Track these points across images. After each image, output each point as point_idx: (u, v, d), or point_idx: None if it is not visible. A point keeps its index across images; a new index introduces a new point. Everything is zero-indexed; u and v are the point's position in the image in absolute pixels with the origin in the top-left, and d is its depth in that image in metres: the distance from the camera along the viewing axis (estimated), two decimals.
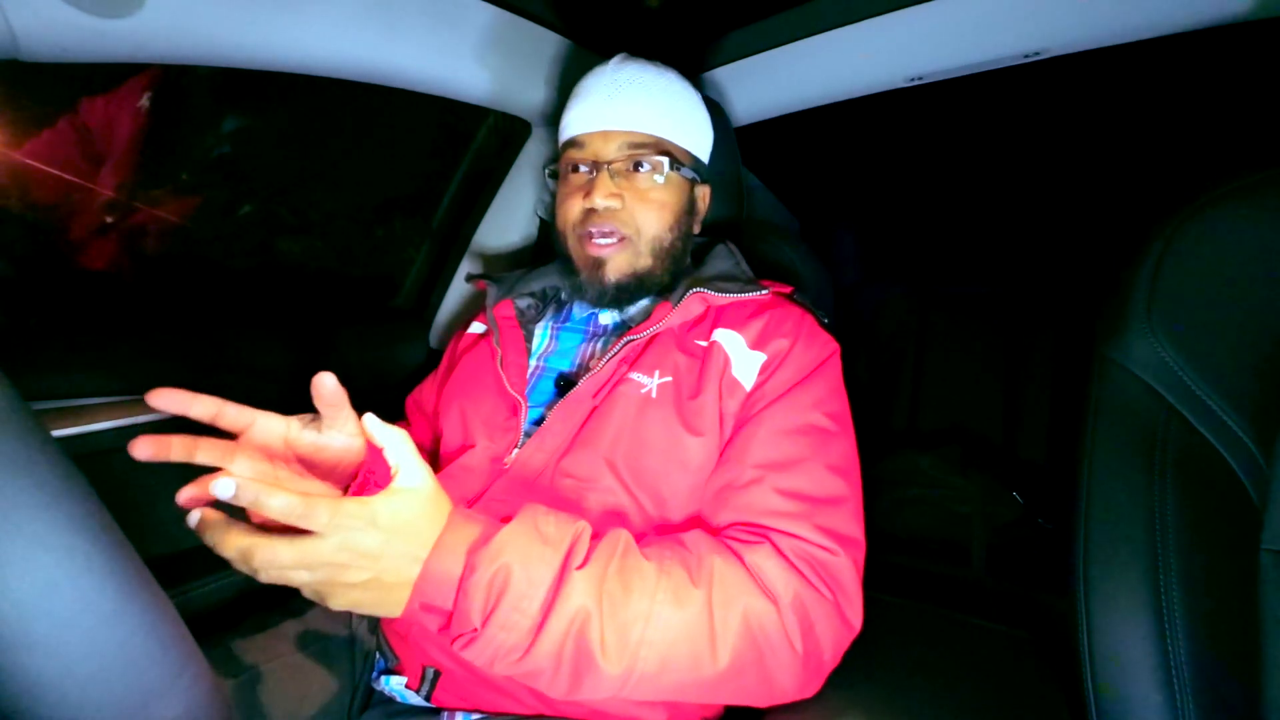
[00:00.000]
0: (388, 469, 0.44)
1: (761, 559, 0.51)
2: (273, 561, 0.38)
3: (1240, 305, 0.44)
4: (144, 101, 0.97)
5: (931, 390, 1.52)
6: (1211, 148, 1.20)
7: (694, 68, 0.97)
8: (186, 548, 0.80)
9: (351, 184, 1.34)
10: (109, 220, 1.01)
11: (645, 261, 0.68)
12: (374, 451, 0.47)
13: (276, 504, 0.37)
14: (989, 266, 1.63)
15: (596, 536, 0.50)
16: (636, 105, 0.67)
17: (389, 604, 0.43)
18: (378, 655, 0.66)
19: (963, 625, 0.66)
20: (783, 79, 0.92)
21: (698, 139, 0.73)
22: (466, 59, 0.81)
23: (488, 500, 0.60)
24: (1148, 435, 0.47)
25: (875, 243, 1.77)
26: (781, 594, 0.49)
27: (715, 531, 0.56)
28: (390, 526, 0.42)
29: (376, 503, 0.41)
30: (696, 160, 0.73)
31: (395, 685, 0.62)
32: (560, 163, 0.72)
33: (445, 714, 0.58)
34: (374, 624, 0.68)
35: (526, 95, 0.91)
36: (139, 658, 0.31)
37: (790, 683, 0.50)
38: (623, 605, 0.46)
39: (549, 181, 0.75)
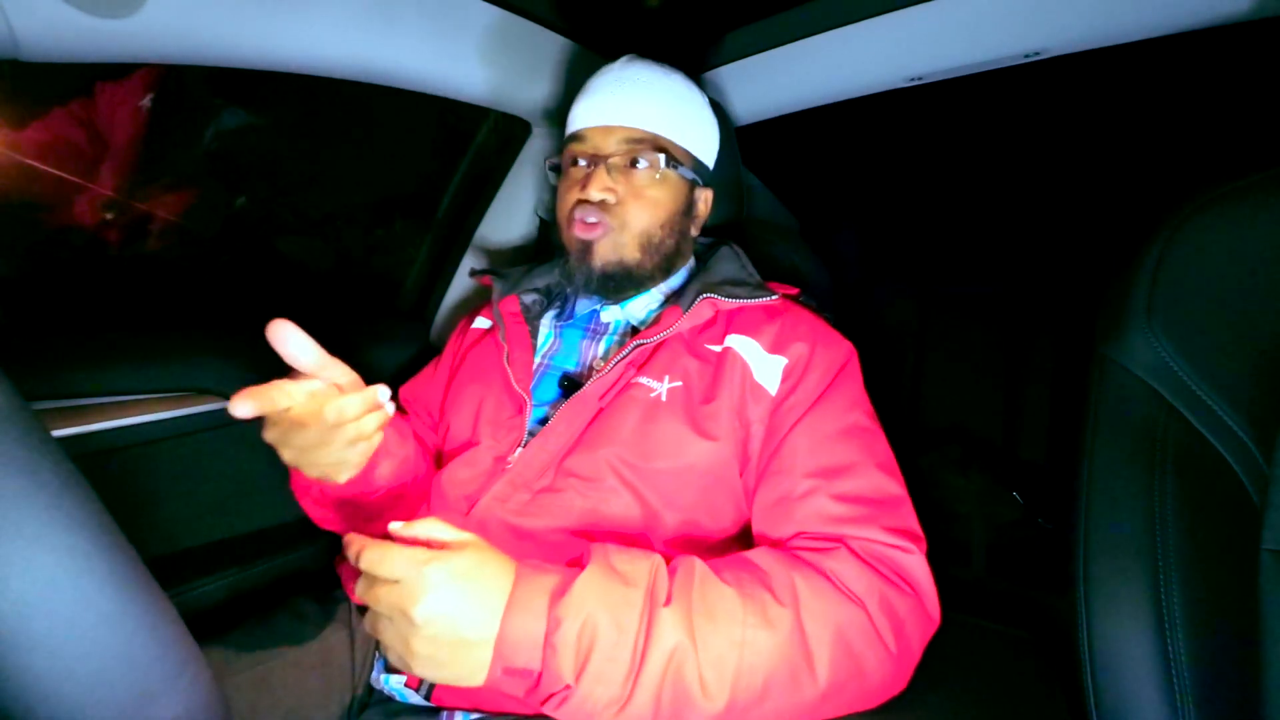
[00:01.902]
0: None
1: (839, 564, 0.50)
2: (364, 596, 0.42)
3: (1240, 305, 0.44)
4: (145, 101, 0.97)
5: (932, 390, 1.52)
6: (1211, 148, 1.20)
7: (694, 68, 0.97)
8: (186, 547, 0.80)
9: (352, 184, 1.34)
10: (108, 219, 1.01)
11: (633, 254, 0.68)
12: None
13: (352, 552, 0.41)
14: (989, 266, 1.63)
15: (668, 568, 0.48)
16: (638, 102, 0.68)
17: (470, 666, 0.41)
18: (377, 654, 0.66)
19: (963, 625, 0.66)
20: (783, 79, 0.92)
21: (700, 141, 0.73)
22: (467, 59, 0.81)
23: (490, 499, 0.60)
24: (1148, 435, 0.47)
25: (876, 242, 1.77)
26: (866, 596, 0.49)
27: (780, 544, 0.55)
28: (462, 576, 0.41)
29: (445, 554, 0.42)
30: (698, 162, 0.73)
31: (395, 684, 0.62)
32: (563, 156, 0.72)
33: (445, 713, 0.58)
34: None
35: (527, 95, 0.91)
36: (139, 658, 0.31)
37: (887, 683, 0.50)
38: (714, 637, 0.44)
39: (550, 175, 0.75)
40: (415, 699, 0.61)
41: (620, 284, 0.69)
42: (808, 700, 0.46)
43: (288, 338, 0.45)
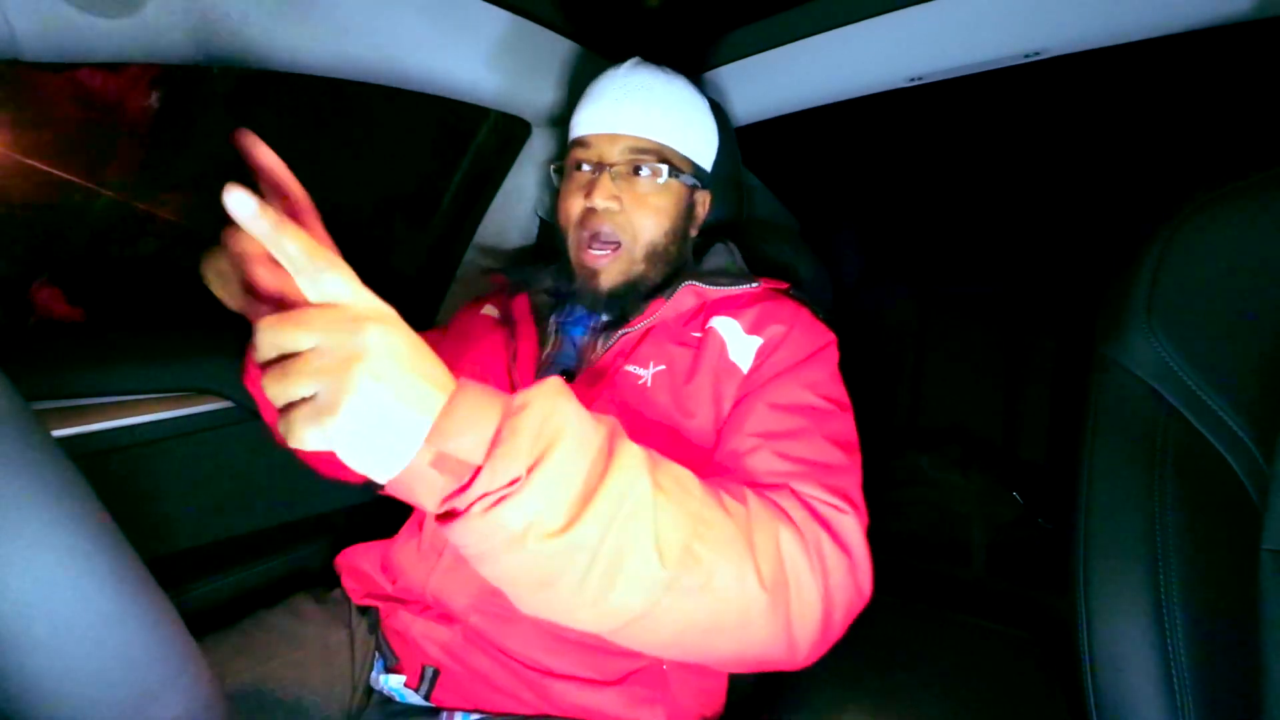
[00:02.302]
0: None
1: (783, 499, 0.49)
2: (276, 346, 0.31)
3: (1240, 305, 0.44)
4: (146, 101, 0.97)
5: (932, 390, 1.52)
6: (1211, 148, 1.20)
7: (694, 68, 0.97)
8: (186, 547, 0.80)
9: (354, 183, 1.34)
10: (109, 219, 1.01)
11: (639, 268, 0.69)
12: None
13: (291, 245, 0.31)
14: (989, 266, 1.63)
15: None
16: (643, 111, 0.68)
17: (398, 445, 0.32)
18: (377, 655, 0.66)
19: (963, 625, 0.66)
20: (783, 79, 0.92)
21: (701, 146, 0.73)
22: (466, 59, 0.81)
23: None
24: (1148, 435, 0.47)
25: (876, 243, 1.77)
26: (805, 532, 0.47)
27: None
28: (405, 343, 0.33)
29: (380, 317, 0.33)
30: (698, 167, 0.73)
31: (395, 684, 0.62)
32: (566, 160, 0.73)
33: (444, 713, 0.58)
34: (374, 623, 0.68)
35: (526, 95, 0.91)
36: (139, 658, 0.31)
37: (809, 631, 0.46)
38: (671, 500, 0.39)
39: (554, 177, 0.75)
40: (415, 699, 0.61)
41: (625, 298, 0.69)
42: (750, 603, 0.42)
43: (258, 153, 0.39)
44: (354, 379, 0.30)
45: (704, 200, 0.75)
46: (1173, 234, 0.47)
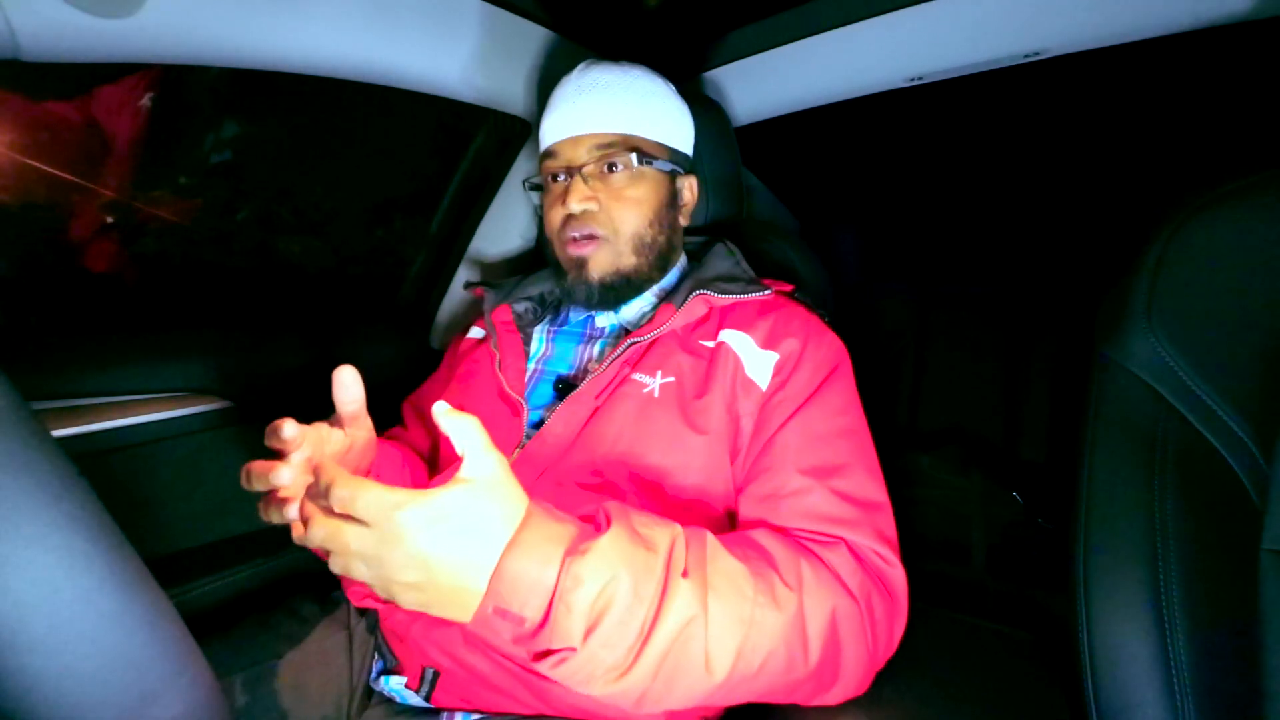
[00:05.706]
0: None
1: (839, 559, 0.51)
2: (325, 538, 0.37)
3: (1240, 305, 0.44)
4: (146, 101, 0.97)
5: (931, 390, 1.52)
6: (1211, 148, 1.20)
7: (694, 68, 0.97)
8: (186, 547, 0.80)
9: (351, 184, 1.34)
10: (110, 220, 1.01)
11: (628, 260, 0.69)
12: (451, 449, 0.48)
13: (321, 482, 0.37)
14: (989, 266, 1.63)
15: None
16: (601, 106, 0.68)
17: (457, 604, 0.38)
18: (377, 655, 0.66)
19: (963, 625, 0.66)
20: (783, 79, 0.92)
21: (673, 131, 0.72)
22: (466, 59, 0.81)
23: None
24: (1148, 435, 0.47)
25: (875, 242, 1.77)
26: (859, 593, 0.50)
27: (779, 531, 0.55)
28: (444, 519, 0.37)
29: (433, 494, 0.37)
30: (675, 152, 0.73)
31: (395, 685, 0.62)
32: (541, 175, 0.73)
33: (445, 714, 0.58)
34: (373, 624, 0.68)
35: (526, 95, 0.91)
36: (139, 658, 0.31)
37: (856, 679, 0.50)
38: (725, 612, 0.43)
39: (531, 196, 0.76)
40: (415, 700, 0.61)
41: (620, 291, 0.69)
42: (795, 680, 0.47)
43: (345, 383, 0.52)
44: (393, 591, 0.38)
45: (690, 186, 0.75)
46: (1172, 234, 0.47)
